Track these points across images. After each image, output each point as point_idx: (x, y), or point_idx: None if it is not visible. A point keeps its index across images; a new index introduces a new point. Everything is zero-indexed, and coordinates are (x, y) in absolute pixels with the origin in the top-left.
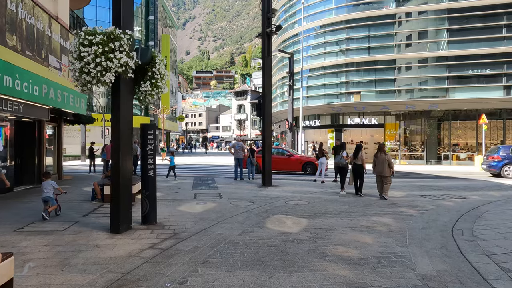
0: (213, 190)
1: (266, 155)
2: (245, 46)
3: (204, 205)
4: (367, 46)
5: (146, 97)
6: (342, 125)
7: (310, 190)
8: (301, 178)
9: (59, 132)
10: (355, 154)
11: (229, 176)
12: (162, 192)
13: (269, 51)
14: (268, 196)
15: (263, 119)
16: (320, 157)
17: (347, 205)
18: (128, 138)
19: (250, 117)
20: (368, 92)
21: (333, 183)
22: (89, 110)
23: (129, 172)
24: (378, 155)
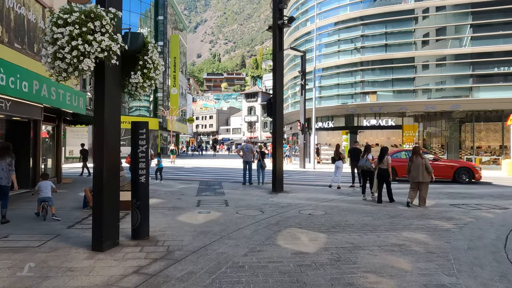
0: (219, 197)
1: (277, 157)
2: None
3: (207, 214)
4: (383, 43)
5: (137, 90)
6: (357, 127)
7: (325, 197)
8: (315, 183)
9: (58, 133)
10: (381, 158)
11: (238, 180)
12: (162, 198)
13: (280, 46)
14: (279, 204)
15: (274, 118)
16: (337, 160)
17: (370, 215)
18: (114, 138)
19: (260, 119)
20: (384, 92)
21: (350, 189)
22: None
23: (115, 178)
24: (413, 159)
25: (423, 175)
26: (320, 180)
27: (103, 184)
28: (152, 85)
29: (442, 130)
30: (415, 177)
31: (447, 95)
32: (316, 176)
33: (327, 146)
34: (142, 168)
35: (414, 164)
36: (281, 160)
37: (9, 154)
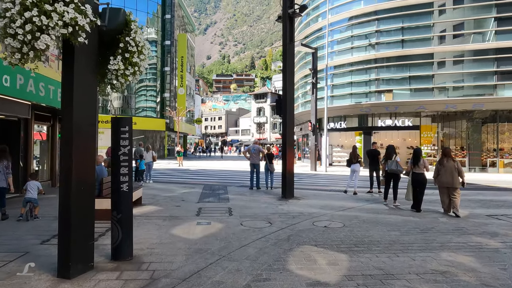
0: (223, 204)
1: (287, 160)
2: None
3: (207, 226)
4: (400, 39)
5: (118, 79)
6: (371, 127)
7: (342, 205)
8: (329, 188)
9: (53, 133)
10: (416, 161)
11: (244, 184)
12: (160, 205)
13: (291, 37)
14: (289, 213)
15: (284, 117)
16: (354, 163)
17: (396, 229)
18: (88, 137)
19: (270, 120)
20: (401, 91)
21: (368, 195)
22: (104, 113)
23: (89, 185)
24: (444, 162)
25: (456, 180)
26: (334, 184)
27: (71, 193)
28: (136, 73)
29: (462, 131)
30: (446, 182)
31: (468, 94)
32: (329, 179)
33: (339, 148)
34: (124, 174)
35: (445, 167)
36: (291, 163)
37: (5, 157)
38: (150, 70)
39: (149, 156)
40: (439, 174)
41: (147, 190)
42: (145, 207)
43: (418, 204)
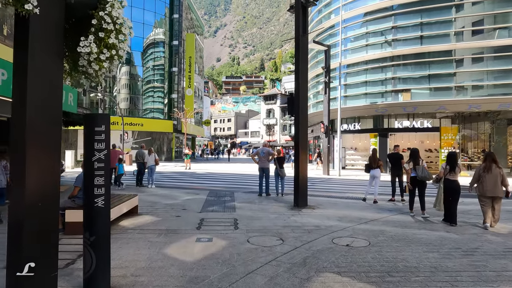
0: (228, 214)
1: (300, 164)
2: (275, 52)
3: (207, 244)
4: (418, 35)
5: (91, 65)
6: (388, 129)
7: (362, 216)
8: (345, 195)
9: None
10: (453, 166)
11: (253, 189)
12: (157, 215)
13: (304, 28)
14: (304, 227)
15: (296, 116)
16: (374, 168)
17: (434, 249)
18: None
19: (279, 122)
20: (420, 90)
21: (390, 203)
22: (111, 114)
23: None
24: (489, 168)
25: (499, 189)
26: (349, 190)
27: (25, 212)
28: (114, 58)
29: (483, 133)
30: (490, 191)
31: (494, 93)
32: (343, 185)
33: (353, 150)
34: (100, 186)
35: (490, 174)
36: (305, 168)
37: (4, 158)
38: (157, 71)
39: (151, 159)
40: (481, 182)
41: (147, 197)
42: (141, 217)
43: (453, 216)
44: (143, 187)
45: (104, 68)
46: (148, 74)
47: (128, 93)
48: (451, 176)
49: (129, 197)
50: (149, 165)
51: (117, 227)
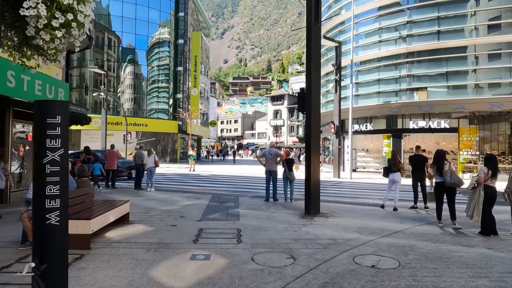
0: (231, 223)
1: (312, 166)
2: (282, 54)
3: (204, 262)
4: (435, 30)
5: (41, 35)
6: (402, 130)
7: (384, 226)
8: (360, 200)
9: None
10: (495, 171)
11: (259, 194)
12: (151, 224)
13: (316, 16)
14: (318, 240)
15: (308, 113)
16: (394, 171)
17: (482, 273)
18: None
19: (287, 123)
20: (436, 88)
21: (411, 211)
22: (115, 114)
23: None
24: None
25: None
26: (363, 195)
27: None
28: (72, 26)
29: (503, 134)
30: None
31: None
32: (356, 189)
33: (364, 152)
34: (54, 196)
35: None
36: (317, 171)
37: (3, 159)
38: (162, 70)
39: (151, 160)
40: None
41: (143, 201)
42: (131, 227)
43: (492, 227)
44: (142, 191)
45: (58, 40)
46: (153, 74)
47: (132, 93)
48: (490, 182)
49: (118, 204)
50: (148, 167)
51: (101, 239)
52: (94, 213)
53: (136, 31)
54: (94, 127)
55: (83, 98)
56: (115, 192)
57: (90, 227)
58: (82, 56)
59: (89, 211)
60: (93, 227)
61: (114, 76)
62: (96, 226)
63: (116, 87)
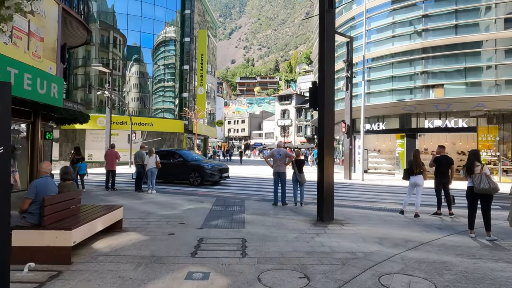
0: (235, 231)
1: (325, 167)
2: (290, 54)
3: (201, 283)
4: (453, 23)
5: None
6: (416, 129)
7: (408, 237)
8: (373, 205)
9: (33, 133)
10: None
11: (266, 197)
12: (145, 232)
13: (330, 3)
14: (335, 254)
15: (321, 110)
16: (415, 174)
17: None
18: None
19: (294, 123)
20: (454, 85)
21: (435, 218)
22: (120, 114)
23: None
24: None
25: None
26: (378, 198)
27: None
28: None
29: None
30: None
31: None
32: (369, 192)
33: (376, 153)
34: None
35: None
36: (330, 172)
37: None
38: (168, 69)
39: (152, 161)
40: None
41: (142, 205)
42: (124, 236)
43: None
44: (142, 193)
45: None
46: (159, 73)
47: (138, 92)
48: None
49: (109, 210)
50: (149, 168)
51: (87, 251)
52: (78, 222)
53: (142, 29)
54: (98, 126)
55: (88, 97)
56: (113, 194)
57: (71, 239)
58: (87, 55)
59: (72, 219)
60: (75, 238)
61: (119, 75)
62: (79, 237)
63: (121, 86)
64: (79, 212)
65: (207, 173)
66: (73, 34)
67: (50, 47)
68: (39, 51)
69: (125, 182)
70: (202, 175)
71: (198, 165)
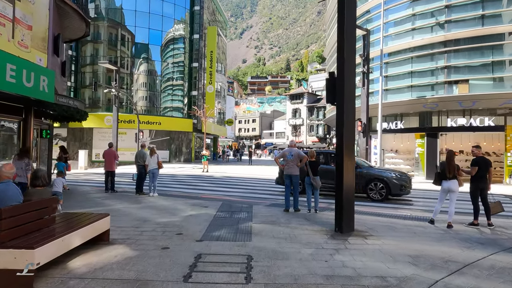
0: (240, 245)
1: (345, 170)
2: (301, 53)
3: None
4: (479, 13)
5: None
6: (438, 128)
7: (447, 254)
8: (397, 212)
9: (25, 130)
10: None
11: (277, 201)
12: (137, 245)
13: None
14: (361, 279)
15: (340, 102)
16: (449, 178)
17: None
18: None
19: (306, 122)
20: (480, 81)
21: (471, 228)
22: (128, 112)
23: None
24: None
25: None
26: (398, 203)
27: None
28: None
29: None
30: None
31: None
32: None
33: (393, 153)
34: None
35: None
36: (351, 177)
37: (27, 156)
38: (177, 67)
39: (154, 161)
40: None
41: (139, 210)
42: (109, 250)
43: None
44: (143, 195)
45: None
46: (168, 71)
47: (146, 90)
48: None
49: (90, 220)
50: (151, 169)
51: (60, 271)
52: (47, 237)
53: (150, 26)
54: (106, 125)
55: (96, 96)
56: (111, 198)
57: (33, 260)
58: (95, 53)
59: (41, 234)
60: (40, 259)
61: (127, 73)
62: (46, 256)
63: (129, 84)
64: (54, 223)
65: (396, 185)
66: (70, 26)
67: (40, 37)
68: (26, 40)
69: (127, 183)
70: (389, 186)
71: (380, 174)
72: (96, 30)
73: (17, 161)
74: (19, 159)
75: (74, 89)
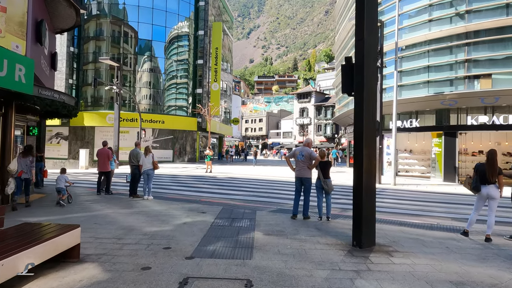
0: (238, 264)
1: (365, 170)
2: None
3: None
4: (504, 2)
5: None
6: (457, 126)
7: (496, 278)
8: (423, 221)
9: (5, 126)
10: None
11: (284, 205)
12: (112, 263)
13: None
14: None
15: (359, 90)
16: (490, 183)
17: None
18: None
19: (314, 121)
20: (504, 75)
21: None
22: (131, 111)
23: None
24: None
25: None
26: (423, 210)
27: None
28: None
29: None
30: None
31: None
32: (406, 200)
33: (407, 153)
34: None
35: None
36: (373, 181)
37: (31, 153)
38: (181, 65)
39: (148, 161)
40: None
41: (128, 217)
42: (77, 271)
43: None
44: (137, 198)
45: None
46: (172, 69)
47: (149, 88)
48: None
49: (53, 233)
50: (145, 169)
51: None
52: None
53: (154, 22)
54: (108, 123)
55: (98, 94)
56: (101, 201)
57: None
58: (98, 50)
59: None
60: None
61: (130, 71)
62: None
63: (132, 82)
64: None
65: None
66: (57, 13)
67: (17, 21)
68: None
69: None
70: None
71: None
72: (98, 27)
73: (22, 159)
74: (24, 156)
75: (76, 87)
